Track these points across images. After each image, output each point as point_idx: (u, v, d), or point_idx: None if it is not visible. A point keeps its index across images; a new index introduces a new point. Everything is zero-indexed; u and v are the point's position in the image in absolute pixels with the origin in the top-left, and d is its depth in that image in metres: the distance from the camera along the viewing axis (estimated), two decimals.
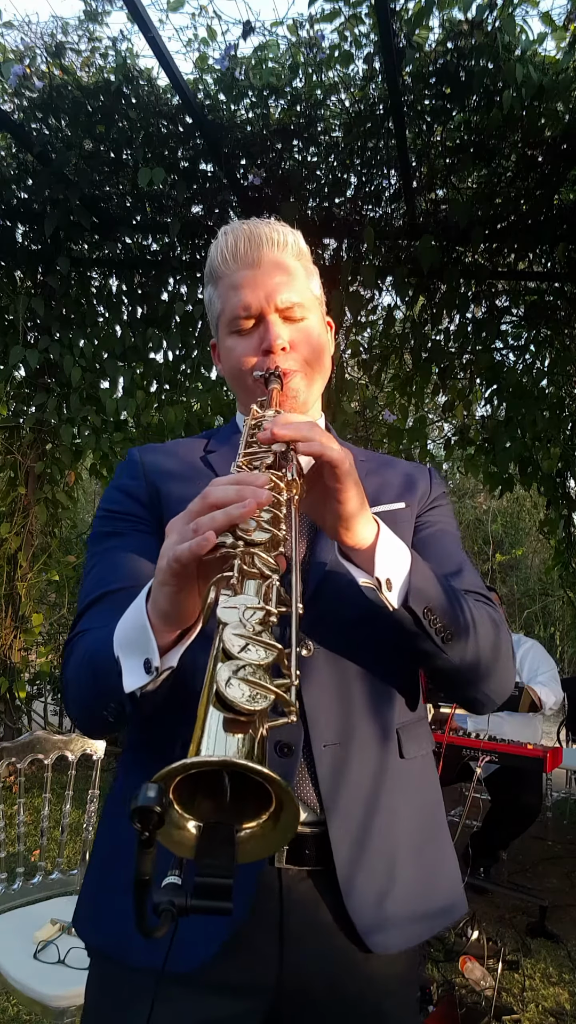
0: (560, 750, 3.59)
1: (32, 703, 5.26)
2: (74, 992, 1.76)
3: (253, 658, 0.57)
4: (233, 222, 1.07)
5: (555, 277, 4.12)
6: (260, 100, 3.40)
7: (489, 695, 0.99)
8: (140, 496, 1.05)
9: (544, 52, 3.11)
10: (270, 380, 0.99)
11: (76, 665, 0.90)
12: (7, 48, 3.50)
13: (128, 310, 4.53)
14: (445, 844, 1.04)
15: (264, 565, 0.66)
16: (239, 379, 1.05)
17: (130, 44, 3.45)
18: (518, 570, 10.10)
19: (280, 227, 1.06)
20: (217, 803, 0.55)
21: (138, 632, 0.77)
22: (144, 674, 0.77)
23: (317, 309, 1.09)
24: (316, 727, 0.92)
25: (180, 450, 1.12)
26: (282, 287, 1.02)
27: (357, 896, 0.91)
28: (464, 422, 4.45)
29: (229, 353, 1.06)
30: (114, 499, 1.07)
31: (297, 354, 1.03)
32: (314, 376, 1.06)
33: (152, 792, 0.47)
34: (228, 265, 1.04)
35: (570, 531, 4.49)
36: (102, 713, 0.84)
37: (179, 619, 0.76)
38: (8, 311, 4.35)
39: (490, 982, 2.63)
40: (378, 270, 4.04)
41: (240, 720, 0.54)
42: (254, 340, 1.03)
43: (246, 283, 1.02)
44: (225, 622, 0.59)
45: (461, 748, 3.44)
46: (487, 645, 0.95)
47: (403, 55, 3.01)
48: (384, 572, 0.84)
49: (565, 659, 8.95)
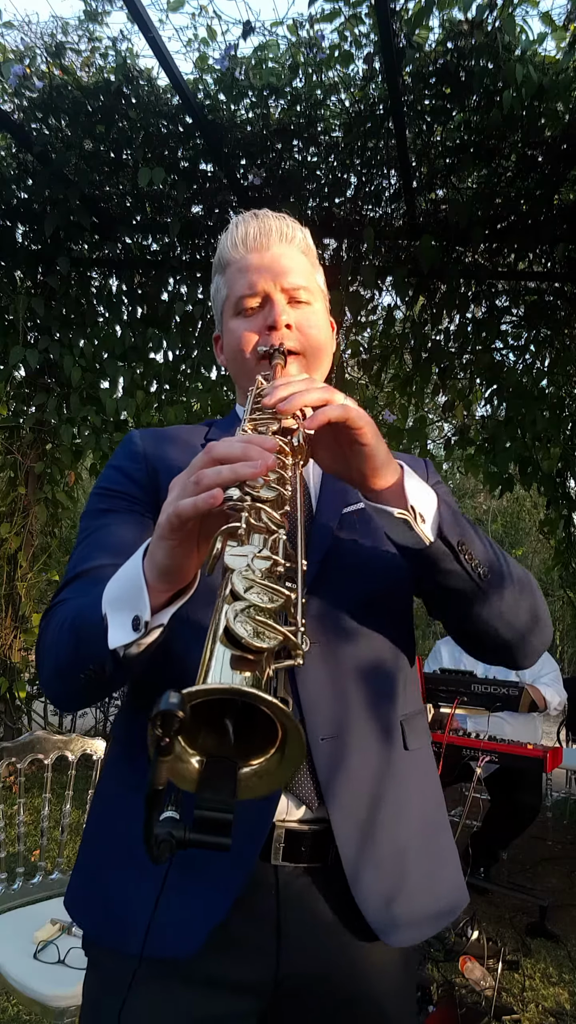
0: (560, 750, 3.59)
1: (32, 703, 5.26)
2: (74, 992, 1.76)
3: (261, 600, 0.57)
4: (244, 213, 1.08)
5: (555, 277, 4.12)
6: (260, 100, 3.40)
7: (532, 641, 0.95)
8: (138, 477, 1.04)
9: (544, 52, 3.11)
10: (274, 356, 0.99)
11: (56, 629, 0.88)
12: (7, 48, 3.50)
13: (128, 310, 4.53)
14: (448, 836, 1.04)
15: (270, 520, 0.67)
16: (240, 361, 1.05)
17: (130, 44, 3.45)
18: None
19: (291, 221, 1.07)
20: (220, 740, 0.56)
21: (131, 588, 0.76)
22: (131, 631, 0.75)
23: (322, 300, 1.10)
24: (312, 720, 0.91)
25: (181, 435, 1.11)
26: (290, 272, 1.04)
27: (367, 891, 0.90)
28: (464, 422, 4.45)
29: (232, 334, 1.06)
30: (111, 478, 1.06)
31: (300, 335, 1.03)
32: (314, 365, 1.06)
33: (175, 698, 0.48)
34: (237, 251, 1.05)
35: (570, 531, 4.48)
36: (79, 676, 0.82)
37: (176, 576, 0.74)
38: (8, 311, 4.34)
39: (490, 982, 2.63)
40: (378, 270, 4.04)
41: (248, 658, 0.54)
42: (258, 319, 1.03)
43: (253, 266, 1.04)
44: (233, 567, 0.60)
45: (461, 748, 3.43)
46: (521, 583, 0.92)
47: (403, 55, 3.01)
48: (417, 503, 0.83)
49: (565, 659, 8.95)
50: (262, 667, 0.55)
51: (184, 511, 0.67)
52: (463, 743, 3.45)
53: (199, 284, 4.32)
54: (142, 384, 4.47)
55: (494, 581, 0.88)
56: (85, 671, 0.81)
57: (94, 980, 0.94)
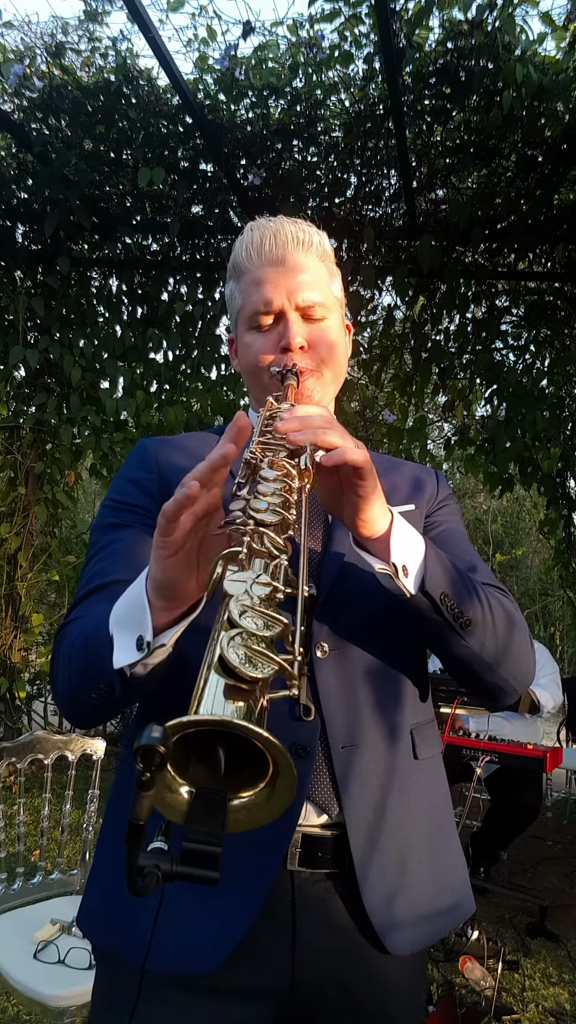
0: (560, 750, 3.59)
1: (32, 703, 5.26)
2: (74, 992, 1.76)
3: (257, 628, 0.56)
4: (260, 219, 1.07)
5: (555, 277, 4.12)
6: (260, 100, 3.40)
7: (509, 680, 0.97)
8: (150, 489, 1.03)
9: (544, 52, 3.11)
10: (286, 377, 0.99)
11: (69, 647, 0.89)
12: (7, 48, 3.50)
13: (128, 310, 4.53)
14: (456, 844, 1.05)
15: (272, 545, 0.66)
16: (255, 376, 1.05)
17: (130, 44, 3.45)
18: (518, 570, 10.09)
19: (307, 227, 1.06)
20: (212, 771, 0.55)
21: (135, 607, 0.76)
22: (135, 651, 0.75)
23: (337, 311, 1.09)
24: (333, 728, 0.92)
25: (192, 444, 1.10)
26: (304, 286, 1.02)
27: (371, 894, 0.90)
28: (464, 422, 4.45)
29: (247, 349, 1.05)
30: (124, 489, 1.05)
31: (314, 354, 1.03)
32: (329, 378, 1.06)
33: (157, 733, 0.46)
34: (252, 261, 1.04)
35: (570, 531, 4.48)
36: (90, 696, 0.82)
37: (172, 593, 0.74)
38: (8, 311, 4.35)
39: (490, 982, 2.63)
40: (378, 270, 4.04)
41: (242, 688, 0.53)
42: (273, 337, 1.03)
43: (268, 280, 1.02)
44: (231, 593, 0.59)
45: (461, 748, 3.44)
46: (503, 630, 0.94)
47: (403, 55, 3.01)
48: (400, 558, 0.84)
49: (565, 659, 8.96)
50: (256, 697, 0.54)
51: (167, 510, 0.68)
52: (463, 743, 3.45)
53: (199, 284, 4.32)
54: (142, 384, 4.47)
55: (476, 631, 0.90)
56: (96, 690, 0.81)
57: (106, 994, 0.94)
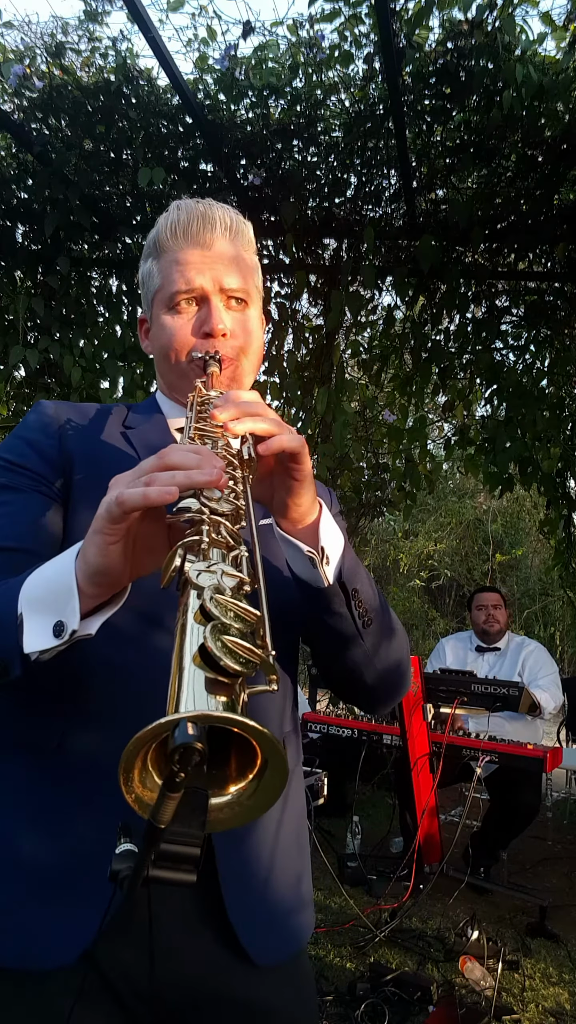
0: (560, 750, 3.59)
1: None
2: None
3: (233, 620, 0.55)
4: (186, 199, 1.04)
5: (555, 277, 4.12)
6: (260, 100, 3.40)
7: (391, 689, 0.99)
8: (50, 455, 0.97)
9: (544, 52, 3.11)
10: (208, 363, 0.97)
11: None
12: (7, 48, 3.50)
13: (128, 310, 4.52)
14: (307, 858, 1.05)
15: (230, 535, 0.65)
16: (170, 359, 1.02)
17: (130, 44, 3.44)
18: (518, 570, 10.11)
19: (234, 213, 1.04)
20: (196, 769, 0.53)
21: (58, 592, 0.70)
22: (52, 637, 0.69)
23: (258, 303, 1.07)
24: None
25: (99, 417, 1.06)
26: (231, 272, 1.00)
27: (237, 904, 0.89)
28: (464, 422, 4.45)
29: (164, 330, 1.02)
30: (18, 450, 0.98)
31: (236, 342, 1.01)
32: (248, 367, 1.05)
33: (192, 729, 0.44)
34: (176, 241, 1.00)
35: (570, 531, 4.48)
36: None
37: (108, 580, 0.69)
38: (8, 311, 4.34)
39: (490, 982, 2.63)
40: (378, 270, 4.04)
41: (223, 681, 0.52)
42: (194, 321, 1.00)
43: (192, 261, 0.99)
44: (202, 585, 0.58)
45: (461, 748, 3.44)
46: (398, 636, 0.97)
47: (403, 55, 3.01)
48: (327, 545, 0.84)
49: (565, 659, 8.97)
50: (236, 692, 0.53)
51: (130, 499, 0.63)
52: (463, 743, 3.45)
53: None
54: (142, 384, 4.47)
55: (373, 630, 0.91)
56: None
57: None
